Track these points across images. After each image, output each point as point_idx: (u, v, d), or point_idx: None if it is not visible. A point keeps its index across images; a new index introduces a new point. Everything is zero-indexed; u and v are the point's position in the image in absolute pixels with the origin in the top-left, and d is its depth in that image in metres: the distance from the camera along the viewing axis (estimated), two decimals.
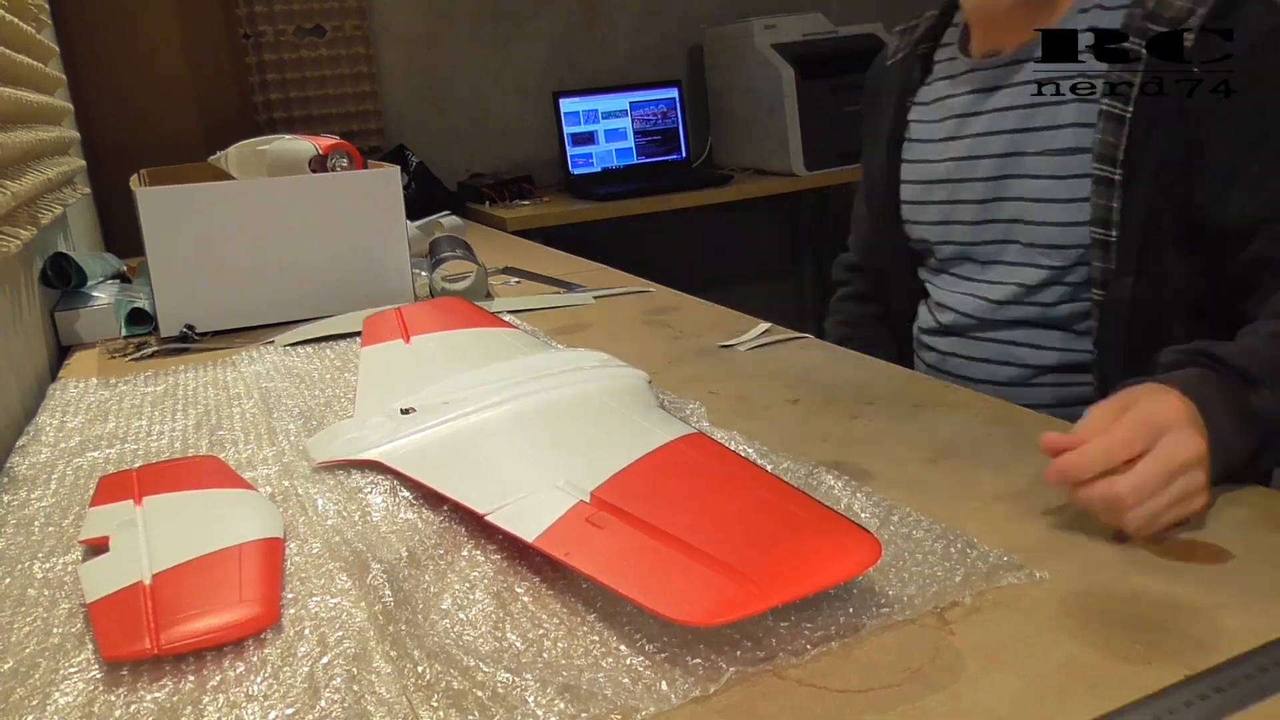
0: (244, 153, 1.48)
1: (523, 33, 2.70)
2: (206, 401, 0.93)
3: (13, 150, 1.06)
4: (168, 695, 0.47)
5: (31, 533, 0.66)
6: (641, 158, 2.69)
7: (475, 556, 0.59)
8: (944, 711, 0.43)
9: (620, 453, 0.65)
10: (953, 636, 0.48)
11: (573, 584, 0.55)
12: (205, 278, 1.18)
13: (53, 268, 1.27)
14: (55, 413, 0.92)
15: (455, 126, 2.67)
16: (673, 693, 0.45)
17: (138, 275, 1.37)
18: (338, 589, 0.56)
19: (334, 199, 1.23)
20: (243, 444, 0.81)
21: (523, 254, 1.68)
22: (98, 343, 1.21)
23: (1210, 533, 0.56)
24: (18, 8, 1.26)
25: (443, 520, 0.64)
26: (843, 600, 0.51)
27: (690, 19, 2.85)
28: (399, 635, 0.50)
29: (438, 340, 0.99)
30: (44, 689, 0.48)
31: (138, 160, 1.72)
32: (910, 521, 0.59)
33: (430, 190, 2.43)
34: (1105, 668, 0.45)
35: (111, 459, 0.80)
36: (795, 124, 2.48)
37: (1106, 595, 0.51)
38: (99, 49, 2.29)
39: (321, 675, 0.48)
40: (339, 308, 1.23)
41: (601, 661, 0.48)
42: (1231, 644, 0.46)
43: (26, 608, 0.56)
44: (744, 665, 0.46)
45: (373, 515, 0.66)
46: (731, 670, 0.46)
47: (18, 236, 0.99)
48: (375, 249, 1.25)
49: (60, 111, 1.51)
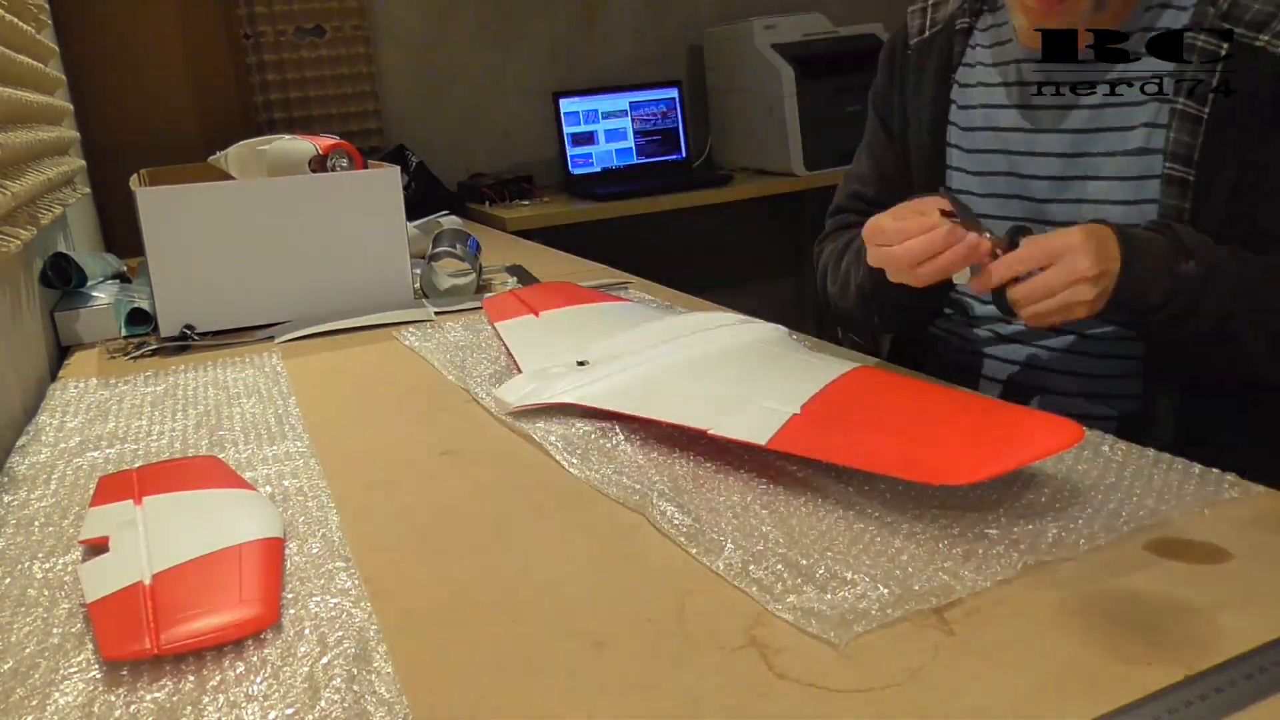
0: (244, 153, 1.48)
1: (523, 33, 2.70)
2: (206, 401, 0.93)
3: (13, 150, 1.06)
4: (168, 695, 0.47)
5: (31, 533, 0.66)
6: (641, 158, 2.69)
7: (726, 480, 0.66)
8: (944, 711, 0.43)
9: (809, 379, 0.69)
10: (953, 636, 0.48)
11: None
12: (205, 278, 1.18)
13: (53, 268, 1.27)
14: (55, 413, 0.92)
15: (455, 126, 2.67)
16: (980, 578, 0.52)
17: (138, 275, 1.37)
18: (338, 589, 0.56)
19: (334, 199, 1.23)
20: (243, 444, 0.81)
21: (523, 254, 1.68)
22: (98, 343, 1.21)
23: (1210, 533, 0.56)
24: (18, 8, 1.26)
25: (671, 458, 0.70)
26: (1080, 507, 0.59)
27: (690, 19, 2.85)
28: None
29: (567, 314, 1.01)
30: (44, 689, 0.48)
31: (138, 160, 1.72)
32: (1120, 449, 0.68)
33: (430, 190, 2.43)
34: (1105, 668, 0.45)
35: (111, 459, 0.80)
36: (795, 124, 2.48)
37: (1106, 595, 0.51)
38: (99, 49, 2.28)
39: (321, 675, 0.48)
40: (339, 308, 1.23)
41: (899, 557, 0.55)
42: (1231, 644, 0.46)
43: (26, 608, 0.56)
44: (1028, 556, 0.54)
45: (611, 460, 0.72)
46: (1020, 563, 0.53)
47: (18, 236, 0.99)
48: (375, 249, 1.25)
49: (60, 111, 1.51)
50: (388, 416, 0.88)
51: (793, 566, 0.54)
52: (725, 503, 0.63)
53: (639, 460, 0.71)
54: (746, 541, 0.58)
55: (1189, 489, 0.61)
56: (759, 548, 0.57)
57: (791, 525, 0.60)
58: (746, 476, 0.67)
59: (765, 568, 0.54)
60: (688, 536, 0.59)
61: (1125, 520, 0.57)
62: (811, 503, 0.62)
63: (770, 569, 0.54)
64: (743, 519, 0.61)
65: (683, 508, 0.62)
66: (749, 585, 0.53)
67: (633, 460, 0.71)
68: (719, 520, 0.61)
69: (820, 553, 0.56)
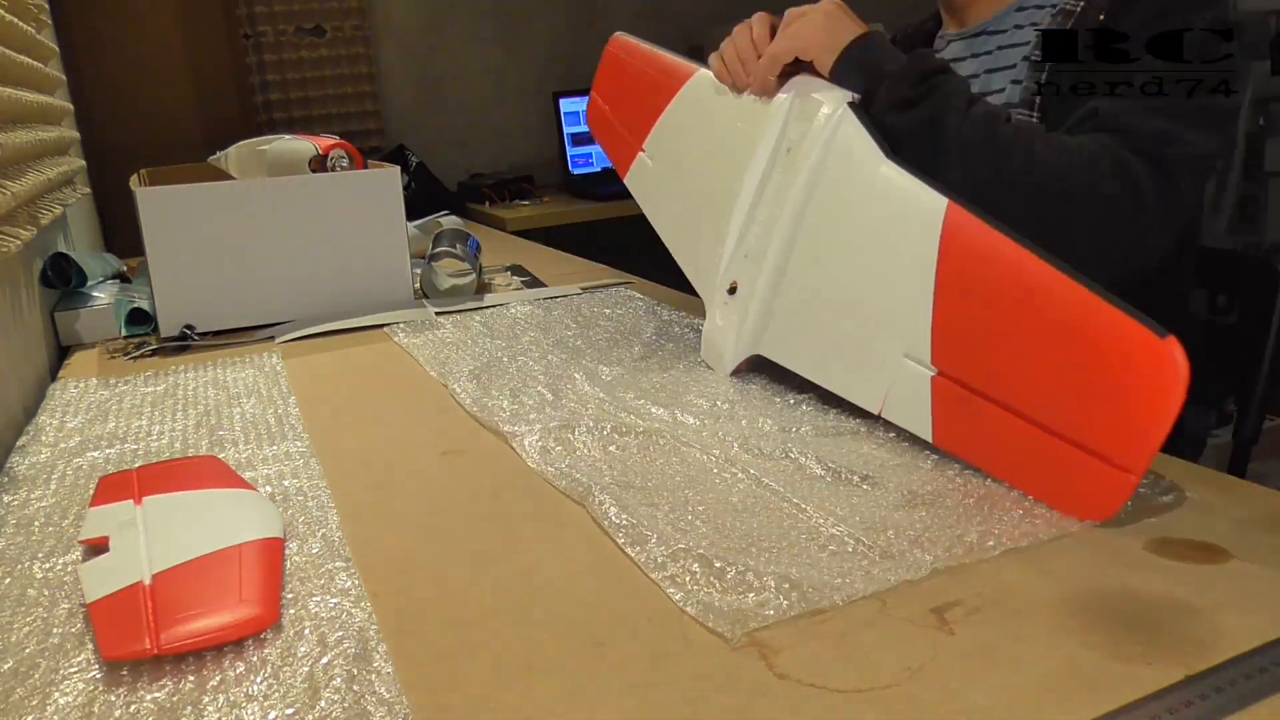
0: (244, 153, 1.48)
1: (523, 33, 2.70)
2: (206, 401, 0.93)
3: (13, 150, 1.06)
4: (168, 695, 0.47)
5: (31, 533, 0.66)
6: None
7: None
8: (944, 711, 0.43)
9: (916, 287, 0.69)
10: (953, 636, 0.48)
11: None
12: (205, 278, 1.18)
13: (53, 268, 1.27)
14: (55, 413, 0.92)
15: (455, 126, 2.67)
16: (889, 575, 0.53)
17: (138, 275, 1.37)
18: (338, 589, 0.56)
19: (334, 199, 1.23)
20: (243, 444, 0.81)
21: (523, 254, 1.68)
22: (98, 343, 1.21)
23: (1210, 533, 0.56)
24: (18, 8, 1.26)
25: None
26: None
27: (690, 19, 2.85)
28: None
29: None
30: (44, 689, 0.48)
31: (138, 160, 1.72)
32: None
33: (430, 190, 2.44)
34: (1105, 668, 0.45)
35: (111, 459, 0.80)
36: None
37: (1106, 595, 0.51)
38: (99, 49, 2.29)
39: (321, 675, 0.48)
40: (339, 308, 1.23)
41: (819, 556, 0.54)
42: (1231, 644, 0.46)
43: (26, 608, 0.56)
44: (944, 560, 0.54)
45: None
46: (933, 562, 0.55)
47: (18, 236, 0.99)
48: (375, 249, 1.25)
49: (60, 111, 1.51)
50: (388, 416, 0.88)
51: (707, 565, 0.55)
52: (665, 498, 0.65)
53: (594, 454, 0.73)
54: (673, 537, 0.59)
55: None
56: (682, 545, 0.58)
57: (723, 522, 0.61)
58: (696, 466, 0.70)
59: (681, 565, 0.56)
60: (617, 528, 0.61)
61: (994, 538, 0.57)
62: (751, 499, 0.64)
63: (685, 567, 0.55)
64: (679, 513, 0.62)
65: (620, 501, 0.64)
66: (665, 581, 0.54)
67: (588, 454, 0.73)
68: (655, 515, 0.62)
69: (739, 553, 0.57)
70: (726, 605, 0.51)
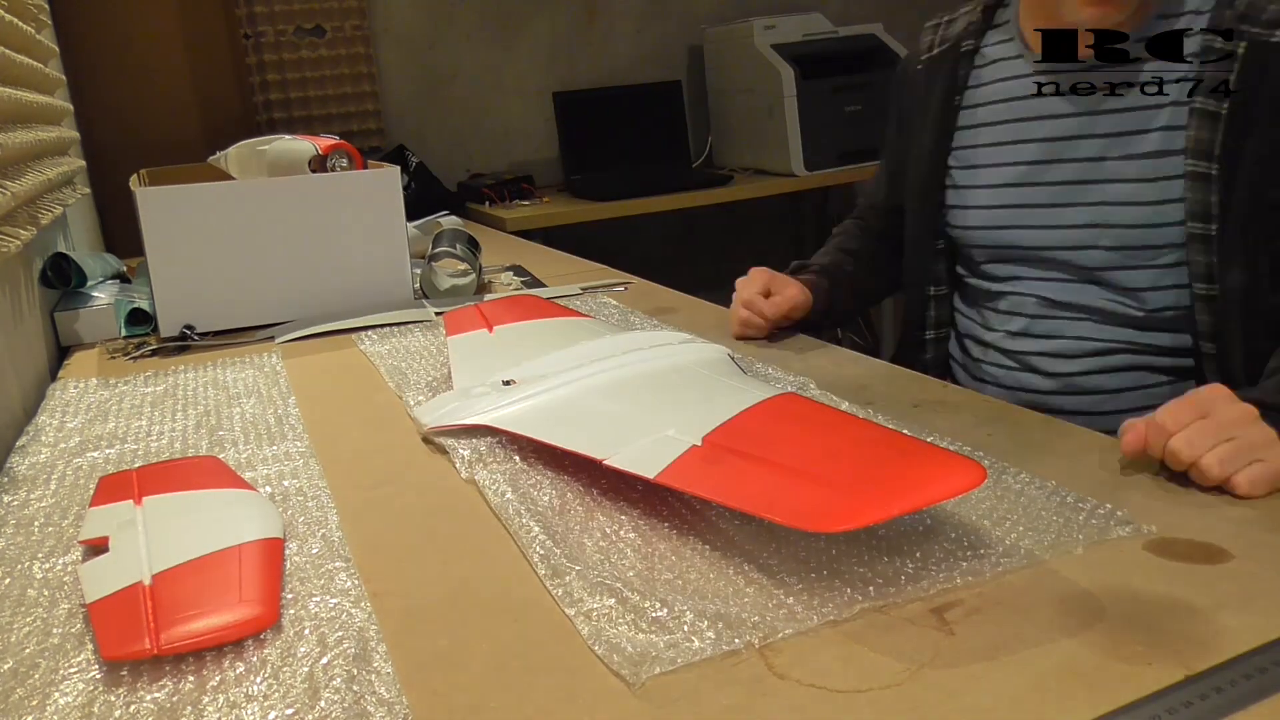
0: (244, 153, 1.48)
1: (523, 33, 2.70)
2: (206, 401, 0.93)
3: (13, 150, 1.06)
4: (168, 695, 0.47)
5: (31, 533, 0.66)
6: (641, 158, 2.69)
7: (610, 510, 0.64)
8: (944, 711, 0.43)
9: (723, 407, 0.68)
10: (953, 636, 0.48)
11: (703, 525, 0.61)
12: (205, 278, 1.18)
13: (53, 268, 1.27)
14: (55, 413, 0.92)
15: (455, 126, 2.67)
16: (812, 615, 0.50)
17: (138, 275, 1.37)
18: (337, 589, 0.56)
19: (334, 199, 1.23)
20: (243, 444, 0.81)
21: (523, 254, 1.68)
22: (98, 343, 1.21)
23: (1210, 533, 0.56)
24: (18, 8, 1.26)
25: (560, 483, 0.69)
26: (963, 546, 0.56)
27: (690, 19, 2.85)
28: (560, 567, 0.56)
29: (520, 329, 1.01)
30: (44, 689, 0.48)
31: (138, 160, 1.72)
32: (1021, 480, 0.64)
33: (430, 190, 2.43)
34: (1105, 668, 0.45)
35: (111, 459, 0.80)
36: (795, 124, 2.48)
37: (1106, 595, 0.51)
38: (99, 49, 2.29)
39: (321, 675, 0.48)
40: (339, 308, 1.23)
41: (745, 590, 0.53)
42: (1231, 644, 0.46)
43: (26, 608, 0.56)
44: (874, 600, 0.51)
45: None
46: (863, 602, 0.51)
47: (18, 236, 0.99)
48: (375, 249, 1.25)
49: (60, 111, 1.51)
50: (388, 416, 0.88)
51: (624, 601, 0.52)
52: (597, 529, 0.61)
53: (538, 477, 0.69)
54: (594, 571, 0.55)
55: (1078, 523, 0.58)
56: (602, 579, 0.54)
57: (653, 560, 0.57)
58: (639, 503, 0.64)
59: (598, 600, 0.53)
60: (540, 558, 0.58)
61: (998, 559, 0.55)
62: (687, 536, 0.60)
63: (601, 601, 0.53)
64: (610, 544, 0.59)
65: (548, 528, 0.61)
66: (577, 615, 0.52)
67: (531, 477, 0.69)
68: (583, 547, 0.59)
69: (663, 590, 0.53)
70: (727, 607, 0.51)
